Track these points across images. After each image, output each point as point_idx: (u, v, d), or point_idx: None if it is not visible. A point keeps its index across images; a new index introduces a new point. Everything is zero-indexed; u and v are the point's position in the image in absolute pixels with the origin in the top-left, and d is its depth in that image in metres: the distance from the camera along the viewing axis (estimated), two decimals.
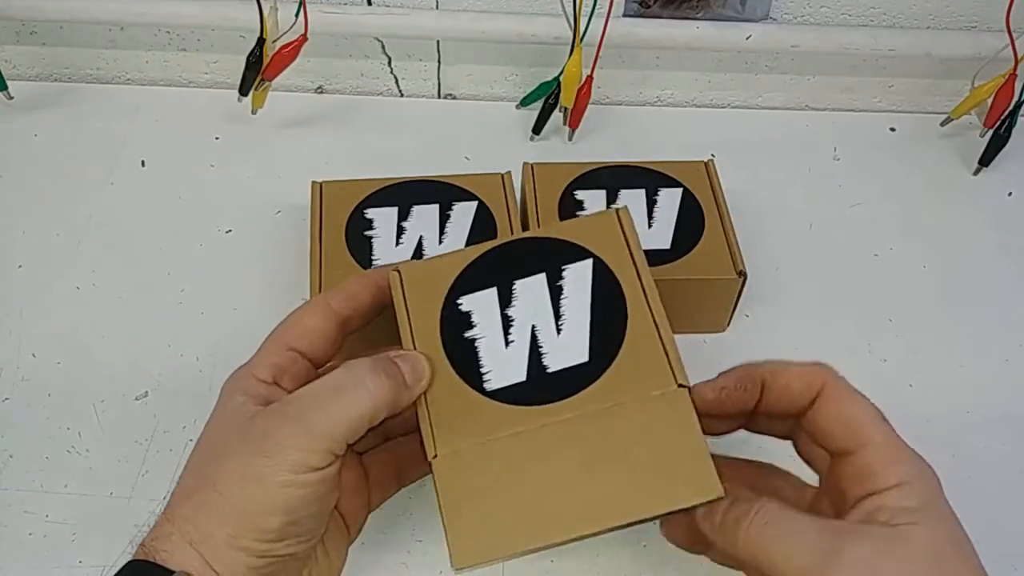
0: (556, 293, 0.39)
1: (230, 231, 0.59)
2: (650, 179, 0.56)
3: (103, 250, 0.58)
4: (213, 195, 0.61)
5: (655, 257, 0.51)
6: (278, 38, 0.60)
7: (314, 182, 0.55)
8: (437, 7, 0.63)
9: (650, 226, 0.53)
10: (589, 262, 0.40)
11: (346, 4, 0.62)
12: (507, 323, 0.39)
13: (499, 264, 0.40)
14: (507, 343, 0.38)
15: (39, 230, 0.59)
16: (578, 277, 0.39)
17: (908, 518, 0.31)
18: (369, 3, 0.62)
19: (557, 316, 0.38)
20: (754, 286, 0.53)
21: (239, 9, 0.60)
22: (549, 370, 0.37)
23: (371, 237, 0.52)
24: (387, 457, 0.42)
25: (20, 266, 0.57)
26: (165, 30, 0.65)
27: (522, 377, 0.37)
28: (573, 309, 0.38)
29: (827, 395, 0.35)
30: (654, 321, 0.38)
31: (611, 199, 0.54)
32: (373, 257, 0.51)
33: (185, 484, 0.35)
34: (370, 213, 0.53)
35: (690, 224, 0.53)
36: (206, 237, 0.59)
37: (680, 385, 0.36)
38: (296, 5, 0.58)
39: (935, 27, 0.65)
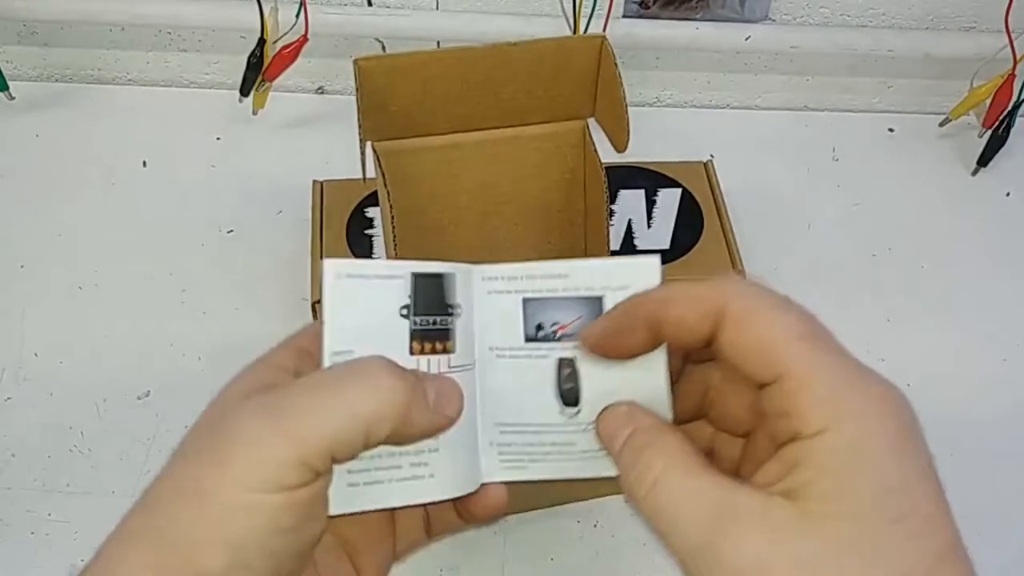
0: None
1: (231, 231, 0.59)
2: (649, 179, 0.56)
3: (105, 250, 0.58)
4: (214, 195, 0.61)
5: None
6: (279, 39, 0.60)
7: (315, 181, 0.55)
8: (437, 7, 0.63)
9: (649, 226, 0.53)
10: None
11: (346, 5, 0.62)
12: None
13: None
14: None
15: (41, 230, 0.59)
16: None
17: (822, 488, 0.23)
18: (370, 4, 0.63)
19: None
20: None
21: (240, 10, 0.60)
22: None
23: (371, 236, 0.52)
24: None
25: (22, 266, 0.57)
26: (166, 31, 0.66)
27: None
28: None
29: (729, 319, 0.26)
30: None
31: (610, 199, 0.54)
32: (374, 255, 0.51)
33: (128, 512, 0.26)
34: (370, 212, 0.53)
35: (689, 224, 0.53)
36: (208, 237, 0.59)
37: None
38: (297, 6, 0.59)
39: (934, 27, 0.65)
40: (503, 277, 0.31)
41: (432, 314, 0.30)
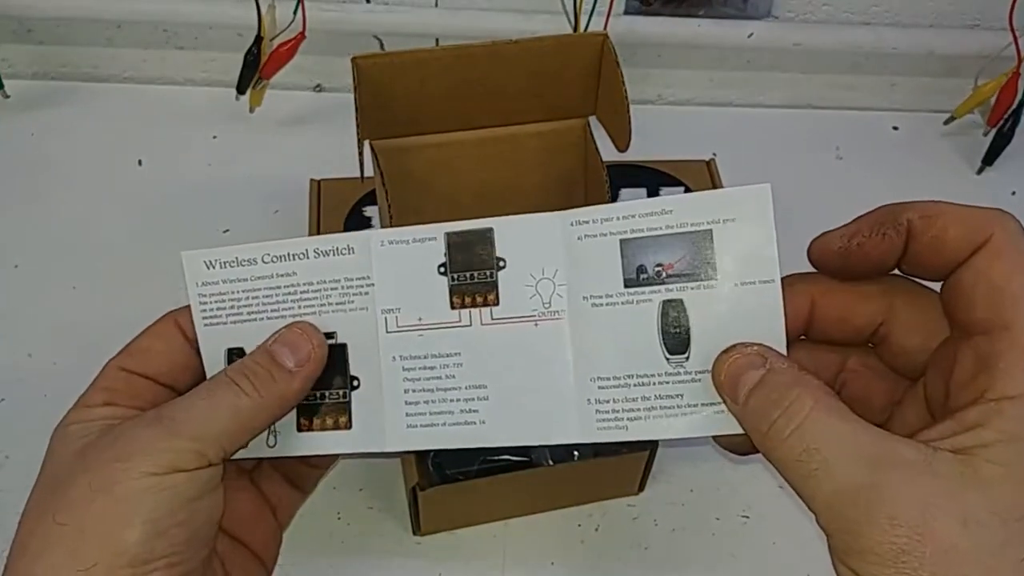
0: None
1: (227, 231, 0.59)
2: (651, 178, 0.55)
3: (100, 250, 0.58)
4: (210, 194, 0.61)
5: None
6: (276, 36, 0.59)
7: (312, 180, 0.54)
8: (436, 4, 0.63)
9: None
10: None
11: (344, 2, 0.62)
12: None
13: None
14: None
15: (35, 229, 0.59)
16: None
17: (1003, 453, 0.22)
18: (368, 0, 0.62)
19: None
20: None
21: (237, 7, 0.59)
22: None
23: None
24: (271, 468, 0.35)
25: (16, 266, 0.57)
26: (163, 28, 0.65)
27: None
28: None
29: (988, 249, 0.25)
30: None
31: (612, 198, 0.54)
32: None
33: (20, 538, 0.28)
34: (368, 211, 0.53)
35: None
36: (203, 236, 0.58)
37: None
38: (294, 3, 0.58)
39: (938, 25, 0.65)
40: (595, 220, 0.29)
41: (469, 269, 0.30)
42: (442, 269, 0.31)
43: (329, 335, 0.31)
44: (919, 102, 0.69)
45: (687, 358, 0.28)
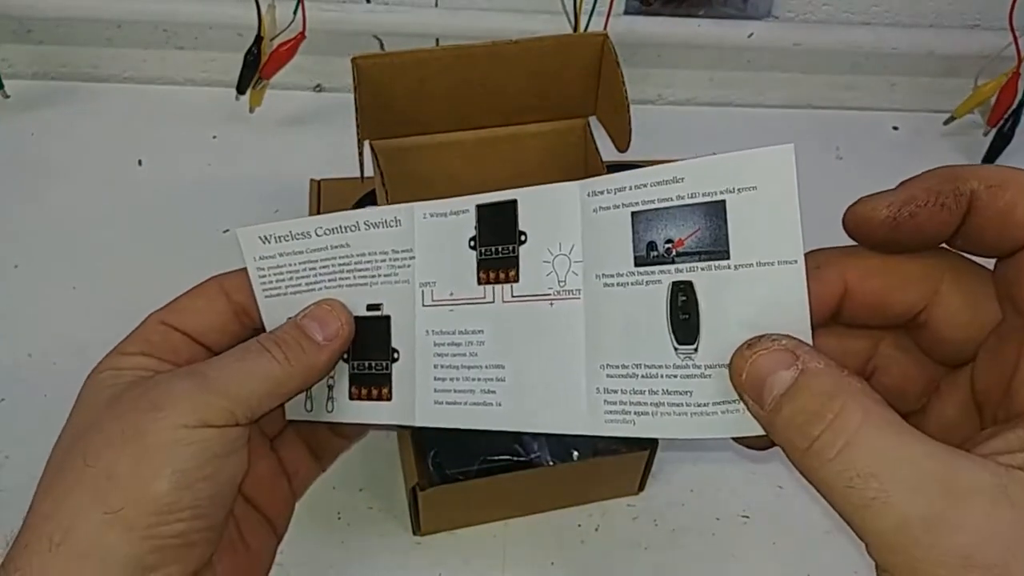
0: None
1: (227, 231, 0.59)
2: None
3: (99, 250, 0.58)
4: (210, 194, 0.61)
5: None
6: (276, 36, 0.59)
7: (312, 180, 0.54)
8: (436, 4, 0.63)
9: None
10: None
11: (344, 2, 0.62)
12: None
13: None
14: None
15: (35, 230, 0.59)
16: None
17: None
18: (368, 0, 0.62)
19: None
20: None
21: (237, 7, 0.59)
22: None
23: None
24: (296, 436, 0.36)
25: (16, 266, 0.57)
26: (163, 28, 0.65)
27: None
28: None
29: None
30: None
31: None
32: None
33: (46, 480, 0.29)
34: None
35: None
36: (203, 236, 0.58)
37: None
38: (294, 3, 0.58)
39: (938, 25, 0.65)
40: (609, 190, 0.26)
41: (495, 244, 0.29)
42: (472, 243, 0.30)
43: (376, 306, 0.31)
44: (919, 102, 0.69)
45: (695, 349, 0.25)
